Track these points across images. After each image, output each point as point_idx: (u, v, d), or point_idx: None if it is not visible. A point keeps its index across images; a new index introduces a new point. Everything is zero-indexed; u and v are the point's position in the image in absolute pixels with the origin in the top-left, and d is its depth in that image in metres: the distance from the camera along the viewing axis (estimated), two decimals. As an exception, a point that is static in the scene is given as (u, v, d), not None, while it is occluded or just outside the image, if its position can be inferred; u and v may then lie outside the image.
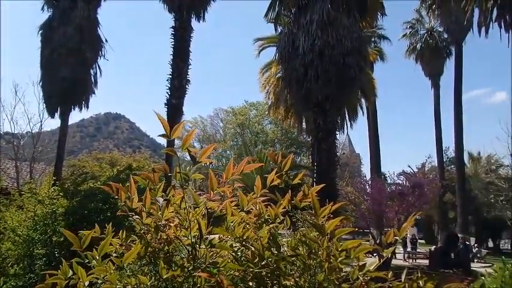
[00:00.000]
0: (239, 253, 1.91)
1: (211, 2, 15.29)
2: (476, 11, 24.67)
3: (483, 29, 24.18)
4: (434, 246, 25.31)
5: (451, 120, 31.69)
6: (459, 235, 28.95)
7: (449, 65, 33.90)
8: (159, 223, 1.89)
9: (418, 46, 35.47)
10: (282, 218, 2.00)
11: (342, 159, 42.54)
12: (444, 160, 36.50)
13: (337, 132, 17.63)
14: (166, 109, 14.15)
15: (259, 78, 21.99)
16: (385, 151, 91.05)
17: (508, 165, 26.98)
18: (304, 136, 29.57)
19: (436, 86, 35.34)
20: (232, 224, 1.88)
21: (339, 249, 1.70)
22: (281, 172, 1.97)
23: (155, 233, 1.88)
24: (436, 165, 35.31)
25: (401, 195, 21.48)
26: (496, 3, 22.90)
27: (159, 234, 1.88)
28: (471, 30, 27.91)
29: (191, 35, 14.55)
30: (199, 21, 15.19)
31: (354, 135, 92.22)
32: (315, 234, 1.84)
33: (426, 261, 21.42)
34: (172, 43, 14.30)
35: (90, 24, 17.35)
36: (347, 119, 20.56)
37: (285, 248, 1.91)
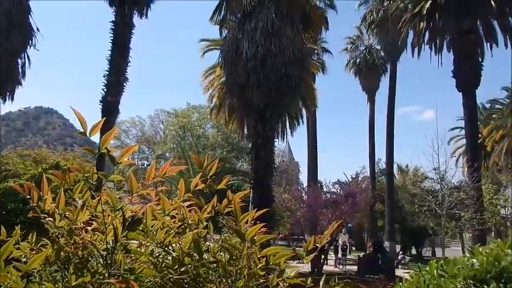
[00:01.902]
0: (160, 259, 1.85)
1: (156, -1, 15.00)
2: (411, 33, 26.69)
3: (416, 50, 26.23)
4: (363, 253, 26.54)
5: (384, 134, 33.67)
6: (386, 242, 30.69)
7: (385, 81, 35.95)
8: (74, 226, 1.79)
9: (357, 61, 37.27)
10: (205, 223, 1.97)
11: (281, 166, 43.43)
12: (376, 171, 38.50)
13: (277, 140, 17.97)
14: (101, 106, 13.51)
15: (202, 81, 21.80)
16: (323, 160, 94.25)
17: (432, 179, 29.12)
18: (246, 142, 29.79)
19: (371, 101, 37.27)
20: (153, 228, 1.81)
21: (259, 256, 1.70)
22: (206, 177, 1.94)
23: (69, 237, 1.77)
24: (369, 175, 37.15)
25: (335, 204, 22.31)
26: (428, 27, 24.88)
27: (73, 238, 1.78)
28: (405, 50, 30.07)
29: (132, 31, 14.05)
30: (141, 18, 14.76)
31: (294, 143, 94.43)
32: (237, 240, 1.82)
33: (355, 268, 22.37)
34: (112, 38, 13.73)
35: (20, 10, 16.05)
36: (287, 126, 21.00)
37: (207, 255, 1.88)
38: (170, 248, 1.85)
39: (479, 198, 21.75)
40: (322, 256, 21.14)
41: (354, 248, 34.17)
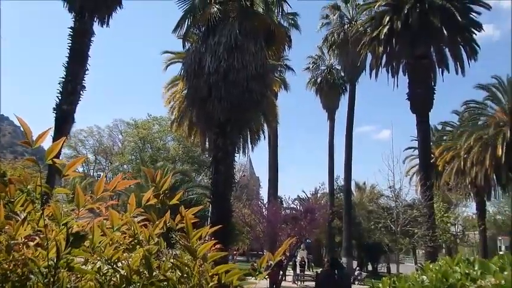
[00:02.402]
0: (107, 277, 1.76)
1: (118, 8, 14.69)
2: (370, 56, 27.81)
3: (374, 72, 27.33)
4: (320, 269, 26.75)
5: (343, 151, 34.53)
6: (343, 258, 31.16)
7: (344, 100, 37.02)
8: (13, 242, 1.66)
9: (318, 80, 38.22)
10: (156, 239, 1.90)
11: (241, 181, 43.36)
12: (335, 188, 39.26)
13: (237, 154, 17.95)
14: (54, 114, 12.95)
15: (164, 93, 21.53)
16: (283, 175, 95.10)
17: (387, 196, 30.09)
18: (207, 155, 29.51)
19: (331, 119, 38.22)
20: (100, 244, 1.72)
21: (210, 274, 1.65)
22: (158, 191, 1.87)
23: (6, 253, 1.65)
24: (328, 191, 37.81)
25: (295, 219, 22.48)
26: (386, 51, 26.03)
27: (11, 254, 1.65)
28: (364, 71, 31.25)
29: (92, 39, 13.68)
30: (102, 26, 14.41)
31: (255, 158, 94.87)
32: (189, 257, 1.77)
33: (313, 283, 22.50)
34: (70, 45, 13.28)
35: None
36: (249, 141, 21.07)
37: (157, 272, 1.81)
38: (119, 265, 1.76)
39: (431, 216, 22.67)
40: (281, 272, 21.13)
41: (313, 264, 34.40)
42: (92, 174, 42.54)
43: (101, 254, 1.70)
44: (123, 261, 1.76)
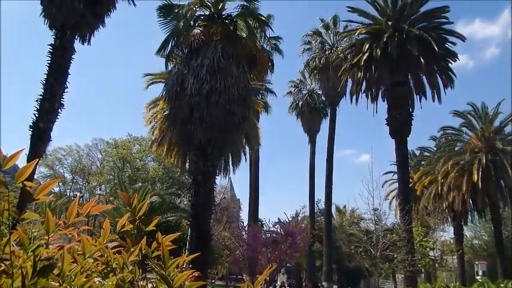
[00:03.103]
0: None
1: (100, 26, 14.66)
2: (350, 81, 28.43)
3: (354, 97, 27.89)
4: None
5: (324, 174, 34.71)
6: (324, 283, 30.90)
7: (325, 124, 37.47)
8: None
9: (300, 104, 38.72)
10: (131, 267, 1.80)
11: (222, 203, 42.91)
12: (315, 211, 39.26)
13: (218, 176, 17.80)
14: (31, 132, 12.59)
15: (145, 113, 21.34)
16: (264, 198, 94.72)
17: (367, 220, 30.22)
18: (187, 177, 29.15)
19: (312, 142, 38.56)
20: (70, 272, 1.62)
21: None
22: (135, 217, 1.79)
23: (-34, 282, 1.53)
24: (308, 215, 37.73)
25: (275, 243, 22.28)
26: (365, 77, 26.67)
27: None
28: (345, 96, 31.85)
29: (72, 56, 13.51)
30: (83, 44, 14.29)
31: (237, 180, 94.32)
32: (164, 287, 1.68)
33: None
34: (49, 62, 13.08)
35: None
36: (230, 163, 20.95)
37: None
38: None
39: (410, 240, 22.81)
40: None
41: (292, 289, 33.91)
42: (68, 194, 41.41)
43: (70, 283, 1.61)
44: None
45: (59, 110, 12.84)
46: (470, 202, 31.47)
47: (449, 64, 25.60)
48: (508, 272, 29.64)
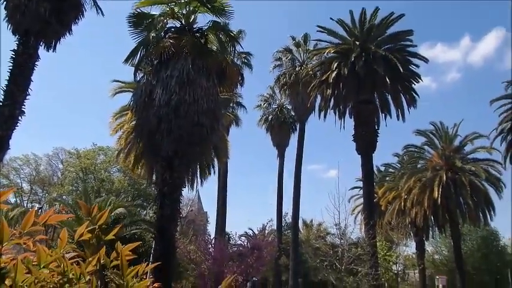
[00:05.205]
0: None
1: (67, 34, 14.37)
2: (319, 97, 29.01)
3: (322, 113, 28.47)
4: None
5: (292, 188, 34.92)
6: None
7: (294, 139, 37.82)
8: None
9: (269, 118, 39.06)
10: (88, 277, 1.76)
11: (189, 215, 42.30)
12: (283, 225, 39.33)
13: (185, 188, 17.59)
14: (-13, 140, 12.03)
15: (111, 122, 20.94)
16: (232, 211, 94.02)
17: (333, 234, 30.61)
18: (154, 189, 28.58)
19: (281, 156, 38.84)
20: (23, 283, 1.57)
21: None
22: (94, 226, 1.76)
23: None
24: (276, 228, 37.75)
25: (241, 256, 22.11)
26: (333, 94, 27.33)
27: None
28: (314, 112, 32.43)
29: (36, 63, 13.12)
30: (48, 51, 13.88)
31: (204, 193, 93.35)
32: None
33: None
34: (11, 68, 12.63)
35: None
36: (198, 175, 20.79)
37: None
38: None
39: (374, 254, 23.25)
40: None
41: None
42: (25, 205, 39.57)
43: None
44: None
45: (20, 117, 12.38)
46: (432, 218, 32.47)
47: (413, 85, 26.65)
48: (466, 286, 30.67)
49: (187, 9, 16.59)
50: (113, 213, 20.97)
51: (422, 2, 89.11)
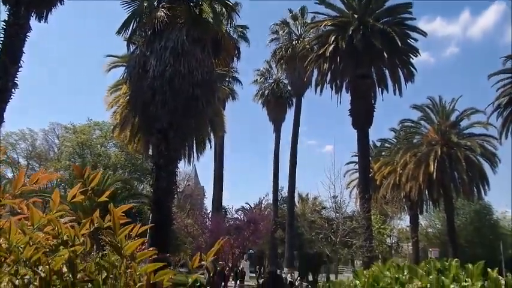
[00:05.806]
0: (26, 280, 1.61)
1: (58, 3, 13.93)
2: (316, 72, 28.77)
3: (319, 88, 28.30)
4: (262, 280, 26.79)
5: (288, 163, 35.12)
6: (285, 269, 31.50)
7: (291, 114, 37.78)
8: None
9: (266, 93, 38.80)
10: (83, 239, 1.76)
11: (186, 190, 42.63)
12: (278, 199, 39.74)
13: (181, 161, 17.59)
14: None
15: (106, 97, 20.72)
16: (229, 186, 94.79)
17: (329, 207, 31.03)
18: (150, 163, 28.63)
19: (277, 131, 38.87)
20: (17, 244, 1.57)
21: (138, 273, 1.56)
22: (87, 188, 1.75)
23: None
24: (272, 202, 38.17)
25: (238, 230, 22.42)
26: (330, 68, 27.08)
27: None
28: (310, 87, 32.24)
29: (28, 34, 12.80)
30: (40, 21, 13.49)
31: (201, 168, 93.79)
32: (117, 257, 1.66)
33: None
34: (2, 39, 12.33)
35: None
36: (195, 150, 20.76)
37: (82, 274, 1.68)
38: (40, 267, 1.62)
39: (369, 227, 23.64)
40: (223, 283, 20.91)
41: (253, 275, 34.35)
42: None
43: (18, 255, 1.56)
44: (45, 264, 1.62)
45: (13, 90, 12.19)
46: (426, 192, 32.85)
47: (411, 59, 26.46)
48: (459, 258, 31.34)
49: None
50: (111, 187, 21.06)
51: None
